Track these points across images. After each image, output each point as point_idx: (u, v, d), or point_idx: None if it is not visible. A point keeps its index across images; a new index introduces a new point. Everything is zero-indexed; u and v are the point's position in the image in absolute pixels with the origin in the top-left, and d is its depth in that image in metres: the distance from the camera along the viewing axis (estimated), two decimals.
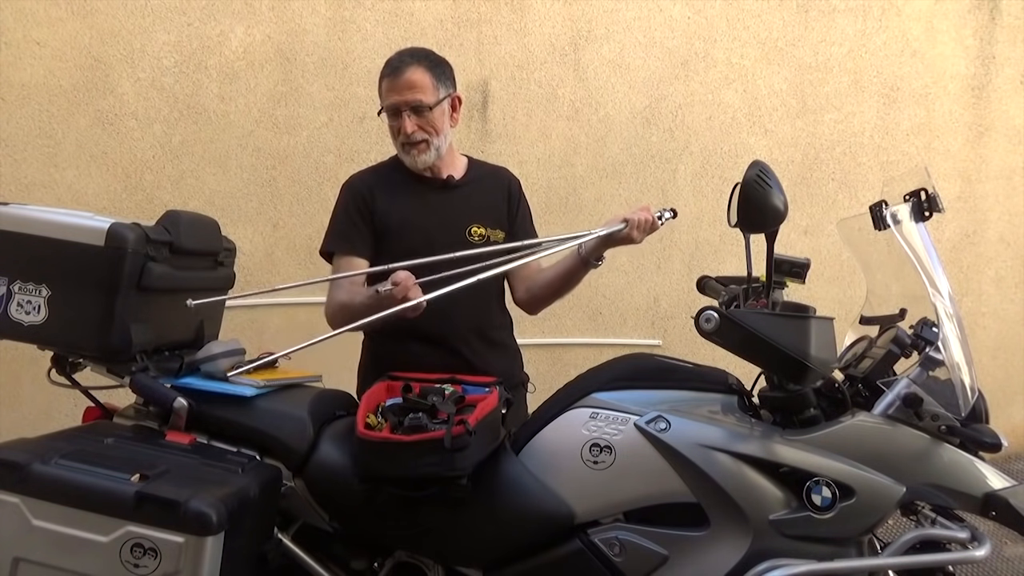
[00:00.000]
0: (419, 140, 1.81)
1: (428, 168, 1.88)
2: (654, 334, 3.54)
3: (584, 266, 1.84)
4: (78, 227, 1.48)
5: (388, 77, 1.81)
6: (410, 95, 1.78)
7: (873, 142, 3.79)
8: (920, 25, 3.81)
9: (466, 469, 1.38)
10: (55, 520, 1.30)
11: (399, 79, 1.79)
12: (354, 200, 1.88)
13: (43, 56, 2.74)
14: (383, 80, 1.83)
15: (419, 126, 1.80)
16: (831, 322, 1.44)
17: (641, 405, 1.49)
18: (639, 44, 3.44)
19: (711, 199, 3.54)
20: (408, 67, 1.80)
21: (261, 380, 1.61)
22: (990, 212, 4.03)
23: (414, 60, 1.81)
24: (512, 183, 2.01)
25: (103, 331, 1.48)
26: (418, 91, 1.79)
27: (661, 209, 1.77)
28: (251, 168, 2.99)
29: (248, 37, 2.96)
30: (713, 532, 1.42)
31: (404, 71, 1.79)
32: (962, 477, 1.42)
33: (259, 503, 1.40)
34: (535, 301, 1.98)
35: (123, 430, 1.56)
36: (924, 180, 1.53)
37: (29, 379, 2.69)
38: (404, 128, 1.79)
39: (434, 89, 1.81)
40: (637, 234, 1.73)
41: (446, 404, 1.48)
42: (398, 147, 1.86)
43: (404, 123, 1.79)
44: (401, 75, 1.79)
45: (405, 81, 1.79)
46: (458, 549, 1.51)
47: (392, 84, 1.80)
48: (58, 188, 2.78)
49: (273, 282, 3.01)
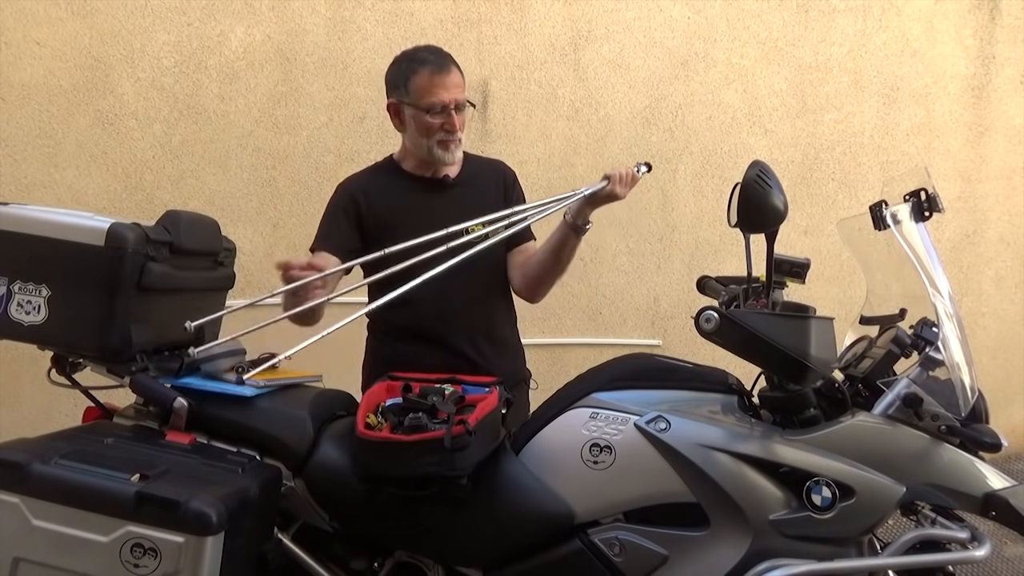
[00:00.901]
0: (459, 137, 1.84)
1: (432, 167, 1.88)
2: (654, 334, 3.54)
3: (575, 232, 1.81)
4: (78, 227, 1.48)
5: (435, 74, 1.79)
6: (458, 93, 1.81)
7: (873, 142, 3.79)
8: (920, 25, 3.81)
9: (466, 469, 1.38)
10: (55, 520, 1.30)
11: (448, 76, 1.80)
12: (342, 202, 1.89)
13: (43, 56, 2.74)
14: (423, 75, 1.80)
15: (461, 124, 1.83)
16: (831, 322, 1.44)
17: (641, 405, 1.49)
18: (639, 44, 3.44)
19: (711, 199, 3.54)
20: (452, 65, 1.82)
21: (261, 380, 1.61)
22: (990, 212, 4.02)
23: (450, 58, 1.83)
24: (507, 174, 2.01)
25: (103, 331, 1.48)
26: (462, 90, 1.83)
27: (637, 163, 1.80)
28: (251, 168, 2.99)
29: (248, 37, 2.96)
30: (713, 532, 1.42)
31: (450, 69, 1.81)
32: (962, 477, 1.42)
33: (259, 503, 1.40)
34: (532, 284, 1.94)
35: (123, 430, 1.56)
36: (924, 180, 1.53)
37: (29, 379, 2.69)
38: (453, 125, 1.80)
39: (466, 88, 1.85)
40: (620, 188, 1.74)
41: (446, 404, 1.48)
42: (429, 144, 1.83)
43: (454, 120, 1.80)
44: (449, 73, 1.80)
45: (453, 79, 1.80)
46: (458, 549, 1.51)
47: (442, 81, 1.79)
48: (58, 188, 2.78)
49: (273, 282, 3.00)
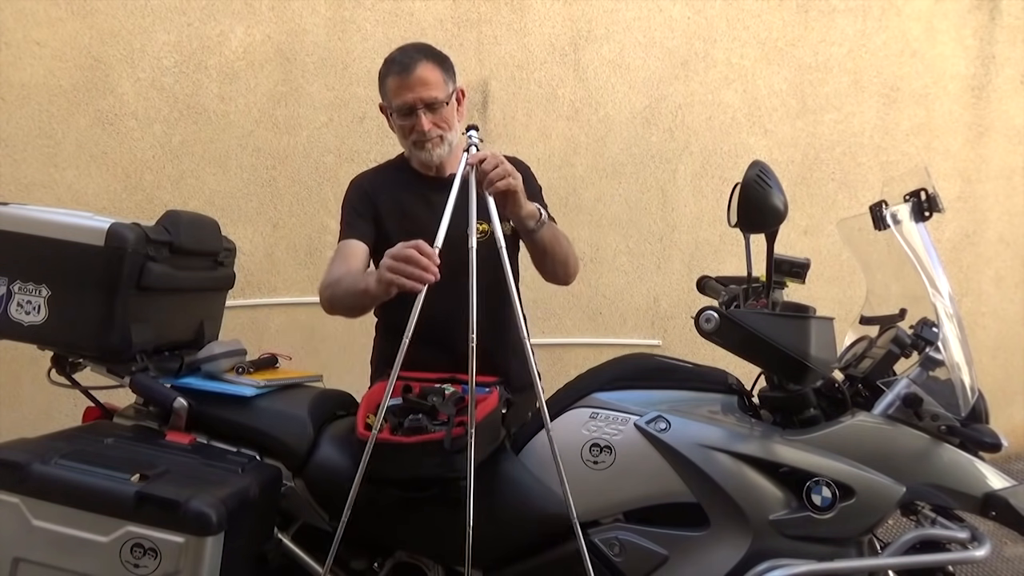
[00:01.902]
0: (435, 136, 1.78)
1: (432, 167, 1.87)
2: (654, 334, 3.53)
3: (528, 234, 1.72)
4: (78, 227, 1.48)
5: (397, 75, 1.76)
6: (424, 92, 1.74)
7: (873, 142, 3.79)
8: (920, 25, 3.80)
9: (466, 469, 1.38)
10: (55, 520, 1.30)
11: (410, 76, 1.74)
12: (358, 195, 1.88)
13: (43, 56, 2.74)
14: (390, 78, 1.77)
15: (434, 123, 1.77)
16: (831, 322, 1.44)
17: (641, 405, 1.49)
18: (639, 44, 3.43)
19: (711, 199, 3.54)
20: (417, 64, 1.75)
21: (261, 380, 1.61)
22: (990, 212, 4.02)
23: (421, 56, 1.77)
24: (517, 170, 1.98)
25: (103, 331, 1.48)
26: (431, 87, 1.75)
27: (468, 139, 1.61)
28: (251, 168, 2.99)
29: (248, 37, 2.96)
30: (713, 532, 1.42)
31: (414, 68, 1.75)
32: (962, 477, 1.42)
33: (259, 503, 1.40)
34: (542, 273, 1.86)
35: (123, 430, 1.56)
36: (924, 180, 1.53)
37: (29, 379, 2.69)
38: (420, 126, 1.75)
39: (444, 84, 1.78)
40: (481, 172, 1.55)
41: (446, 405, 1.48)
42: (408, 145, 1.82)
43: (420, 121, 1.75)
44: (412, 72, 1.74)
45: (417, 78, 1.74)
46: (458, 549, 1.51)
47: (403, 82, 1.75)
48: (58, 188, 2.78)
49: (273, 282, 3.01)
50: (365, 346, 1.98)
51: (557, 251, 1.78)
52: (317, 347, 2.89)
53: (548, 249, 1.76)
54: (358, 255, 1.78)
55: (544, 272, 1.85)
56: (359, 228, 1.83)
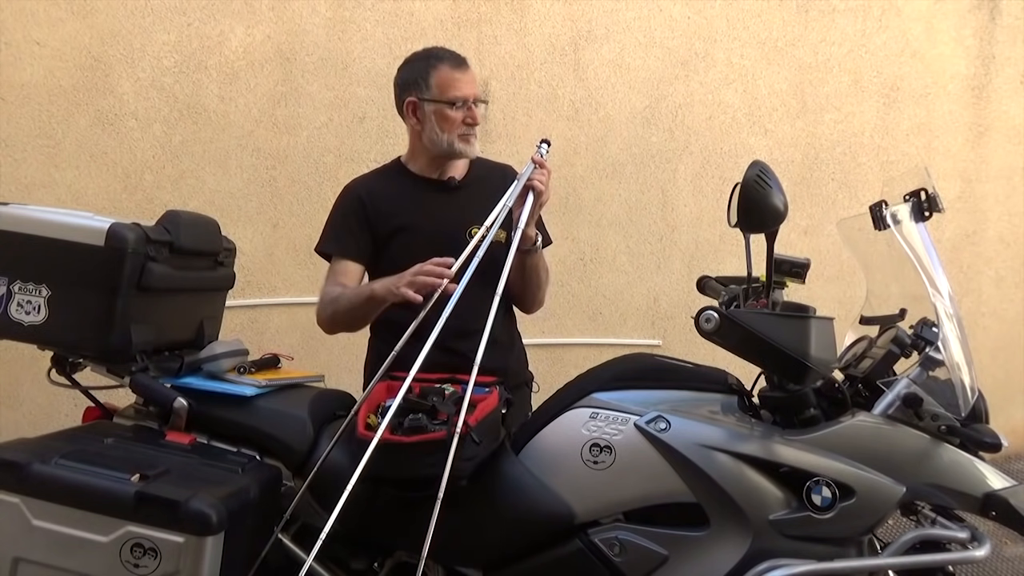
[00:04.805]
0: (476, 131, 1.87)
1: (437, 169, 1.89)
2: (654, 334, 3.54)
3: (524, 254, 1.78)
4: (78, 227, 1.49)
5: (455, 67, 1.84)
6: (476, 88, 1.86)
7: (873, 142, 3.79)
8: (920, 25, 3.81)
9: (466, 470, 1.38)
10: (55, 520, 1.30)
11: (468, 72, 1.85)
12: (351, 204, 1.89)
13: (43, 56, 2.74)
14: (443, 69, 1.84)
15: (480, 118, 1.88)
16: (831, 322, 1.44)
17: (641, 405, 1.49)
18: (639, 44, 3.43)
19: (711, 199, 3.54)
20: (466, 62, 1.87)
21: (262, 380, 1.61)
22: (990, 212, 4.02)
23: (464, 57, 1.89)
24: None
25: (103, 331, 1.48)
26: (476, 85, 1.87)
27: (538, 147, 1.74)
28: (251, 168, 2.99)
29: (248, 37, 2.96)
30: (713, 532, 1.42)
31: (467, 65, 1.86)
32: (962, 477, 1.42)
33: (259, 503, 1.40)
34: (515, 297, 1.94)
35: (123, 430, 1.56)
36: (924, 180, 1.53)
37: (29, 379, 2.69)
38: (475, 118, 1.84)
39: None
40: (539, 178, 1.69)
41: (446, 405, 1.48)
42: (452, 138, 1.84)
43: (475, 113, 1.84)
44: (468, 68, 1.86)
45: (472, 75, 1.86)
46: (458, 549, 1.51)
47: (464, 76, 1.84)
48: (58, 188, 2.78)
49: (273, 282, 3.01)
50: (365, 347, 1.98)
51: (537, 278, 1.88)
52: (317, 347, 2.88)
53: (531, 272, 1.86)
54: (351, 275, 1.85)
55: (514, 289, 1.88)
56: (350, 246, 1.87)
